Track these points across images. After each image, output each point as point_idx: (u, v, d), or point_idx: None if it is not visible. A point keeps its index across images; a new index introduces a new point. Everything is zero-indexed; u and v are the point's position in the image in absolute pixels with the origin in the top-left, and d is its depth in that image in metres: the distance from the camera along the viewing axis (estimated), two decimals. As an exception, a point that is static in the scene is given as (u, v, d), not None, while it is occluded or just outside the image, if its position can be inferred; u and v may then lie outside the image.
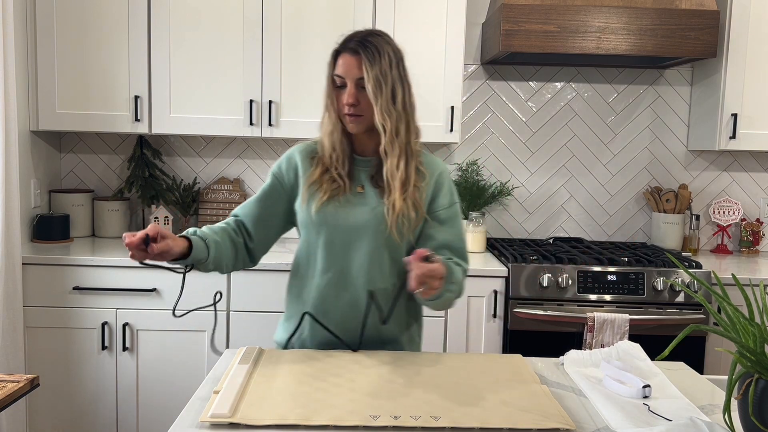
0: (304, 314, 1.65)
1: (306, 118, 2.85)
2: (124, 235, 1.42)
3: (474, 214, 3.02)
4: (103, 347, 2.63)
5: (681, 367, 1.56)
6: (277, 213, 1.70)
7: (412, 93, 1.68)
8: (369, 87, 1.55)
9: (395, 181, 1.59)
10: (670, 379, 1.42)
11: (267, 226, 1.70)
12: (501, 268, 2.66)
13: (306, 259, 1.68)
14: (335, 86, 1.61)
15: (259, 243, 1.70)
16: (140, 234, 1.41)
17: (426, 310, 1.75)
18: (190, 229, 1.58)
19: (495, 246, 3.04)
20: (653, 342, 1.92)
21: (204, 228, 1.61)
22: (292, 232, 1.75)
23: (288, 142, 3.20)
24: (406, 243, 1.64)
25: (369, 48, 1.56)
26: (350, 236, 1.62)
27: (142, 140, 3.14)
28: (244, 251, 1.69)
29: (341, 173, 1.63)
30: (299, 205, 1.66)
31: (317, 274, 1.65)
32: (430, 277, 1.40)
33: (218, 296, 1.65)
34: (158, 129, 2.86)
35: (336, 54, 1.60)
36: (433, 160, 1.73)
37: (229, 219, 1.71)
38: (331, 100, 1.62)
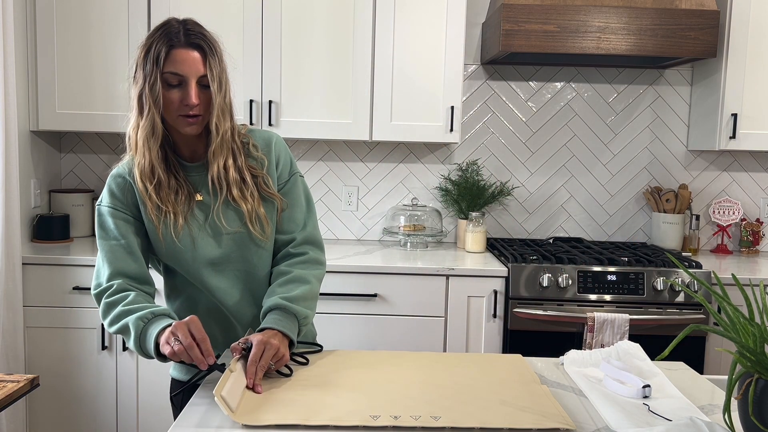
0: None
1: (306, 118, 2.85)
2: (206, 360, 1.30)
3: (474, 214, 3.02)
4: (103, 347, 2.63)
5: (681, 367, 1.56)
6: (146, 241, 1.55)
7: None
8: (213, 86, 1.42)
9: (223, 184, 1.49)
10: (670, 379, 1.42)
11: (145, 258, 1.56)
12: (501, 268, 2.66)
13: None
14: (167, 85, 1.42)
15: (149, 276, 1.56)
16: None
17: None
18: (160, 317, 1.40)
19: (495, 246, 3.04)
20: (653, 342, 1.92)
21: (143, 307, 1.43)
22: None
23: (288, 142, 3.19)
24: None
25: (208, 41, 1.44)
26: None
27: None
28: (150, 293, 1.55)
29: (180, 181, 1.50)
30: (153, 234, 1.51)
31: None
32: (271, 361, 1.33)
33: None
34: (158, 129, 2.85)
35: (168, 48, 1.42)
36: (262, 134, 1.60)
37: (115, 285, 1.47)
38: (155, 98, 1.40)
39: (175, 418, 1.36)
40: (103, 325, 2.59)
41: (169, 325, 1.35)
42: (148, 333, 1.38)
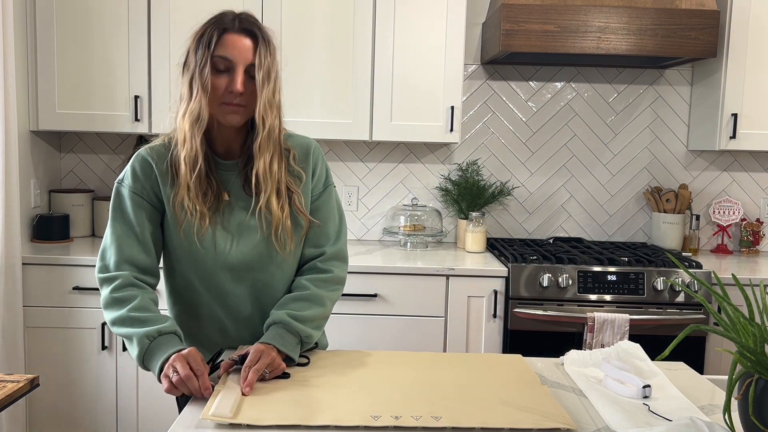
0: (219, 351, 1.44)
1: (306, 118, 2.85)
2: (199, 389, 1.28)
3: (474, 214, 3.02)
4: (103, 347, 2.63)
5: (681, 367, 1.56)
6: (159, 232, 1.52)
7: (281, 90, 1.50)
8: (259, 76, 1.38)
9: (268, 184, 1.44)
10: (670, 379, 1.42)
11: (156, 249, 1.52)
12: (501, 268, 2.66)
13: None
14: (216, 70, 1.39)
15: (156, 268, 1.54)
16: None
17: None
18: (168, 335, 1.38)
19: (495, 246, 3.04)
20: (653, 342, 1.92)
21: (152, 317, 1.41)
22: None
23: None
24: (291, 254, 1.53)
25: (263, 30, 1.41)
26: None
27: (142, 140, 3.14)
28: (153, 290, 1.52)
29: (211, 178, 1.45)
30: (173, 229, 1.48)
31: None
32: (266, 369, 1.32)
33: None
34: (158, 129, 2.85)
35: (220, 32, 1.39)
36: (300, 141, 1.55)
37: (126, 278, 1.44)
38: (203, 83, 1.37)
39: None
40: (104, 324, 2.60)
41: (177, 351, 1.33)
42: (154, 357, 1.35)
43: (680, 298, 2.61)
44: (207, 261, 1.49)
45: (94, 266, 1.50)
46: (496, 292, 2.65)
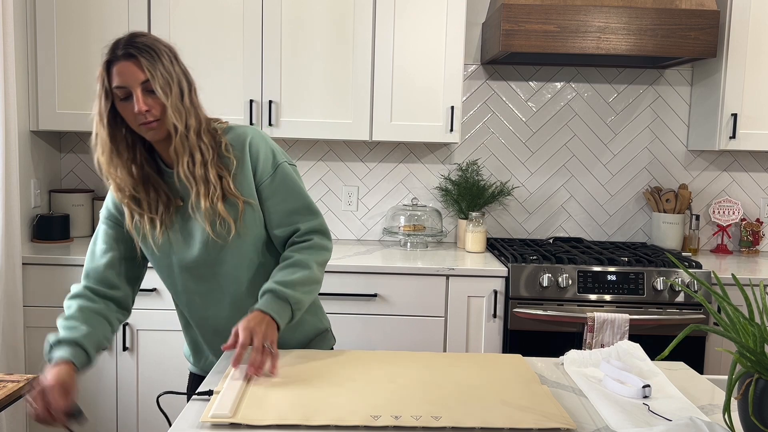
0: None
1: (306, 118, 2.85)
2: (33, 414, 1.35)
3: (474, 214, 3.02)
4: (103, 347, 2.63)
5: (681, 367, 1.56)
6: (135, 253, 1.60)
7: (195, 87, 1.53)
8: (157, 86, 1.41)
9: (192, 184, 1.48)
10: (670, 379, 1.42)
11: (129, 268, 1.61)
12: (501, 268, 2.66)
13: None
14: (119, 99, 1.45)
15: (129, 288, 1.62)
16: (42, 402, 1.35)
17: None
18: (63, 346, 1.44)
19: (495, 246, 3.04)
20: (653, 342, 1.92)
21: (69, 326, 1.48)
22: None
23: (288, 142, 3.20)
24: (254, 236, 1.56)
25: (142, 48, 1.43)
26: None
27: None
28: (116, 311, 1.59)
29: (159, 191, 1.53)
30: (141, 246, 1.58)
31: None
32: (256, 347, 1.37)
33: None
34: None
35: (108, 66, 1.44)
36: (238, 132, 1.57)
37: (80, 290, 1.56)
38: (101, 115, 1.48)
39: None
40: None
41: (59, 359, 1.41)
42: (50, 360, 1.45)
43: (680, 298, 2.61)
44: (167, 266, 1.58)
45: None
46: (496, 292, 2.65)
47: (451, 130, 2.89)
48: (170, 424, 1.20)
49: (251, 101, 2.84)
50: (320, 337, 1.73)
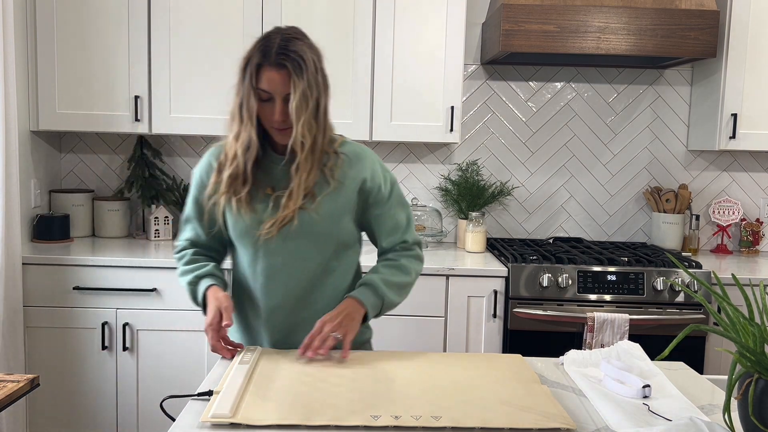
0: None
1: (306, 118, 2.85)
2: (213, 344, 1.51)
3: (474, 214, 3.02)
4: (104, 347, 2.63)
5: (681, 367, 1.56)
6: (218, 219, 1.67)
7: (329, 93, 1.58)
8: (293, 105, 1.48)
9: (300, 191, 1.55)
10: (670, 379, 1.42)
11: (220, 238, 1.69)
12: (501, 268, 2.66)
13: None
14: (259, 99, 1.51)
15: (222, 255, 1.75)
16: (217, 334, 1.51)
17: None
18: (205, 278, 1.62)
19: (495, 246, 3.04)
20: (653, 342, 1.92)
21: (197, 267, 1.65)
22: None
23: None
24: (335, 240, 1.63)
25: (294, 59, 1.48)
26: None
27: (142, 140, 3.14)
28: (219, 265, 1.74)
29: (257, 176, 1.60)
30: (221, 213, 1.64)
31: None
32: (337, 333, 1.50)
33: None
34: (158, 129, 2.86)
35: (258, 67, 1.50)
36: (355, 149, 1.65)
37: (185, 245, 1.71)
38: (249, 112, 1.52)
39: None
40: (104, 324, 2.61)
41: (209, 286, 1.59)
42: (196, 295, 1.63)
43: (680, 298, 2.61)
44: (255, 244, 1.62)
45: (94, 266, 1.65)
46: (496, 292, 2.65)
47: (451, 130, 2.89)
48: None
49: (251, 101, 2.83)
50: (361, 349, 1.74)
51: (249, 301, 1.68)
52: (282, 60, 1.48)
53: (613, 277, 2.63)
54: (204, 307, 1.60)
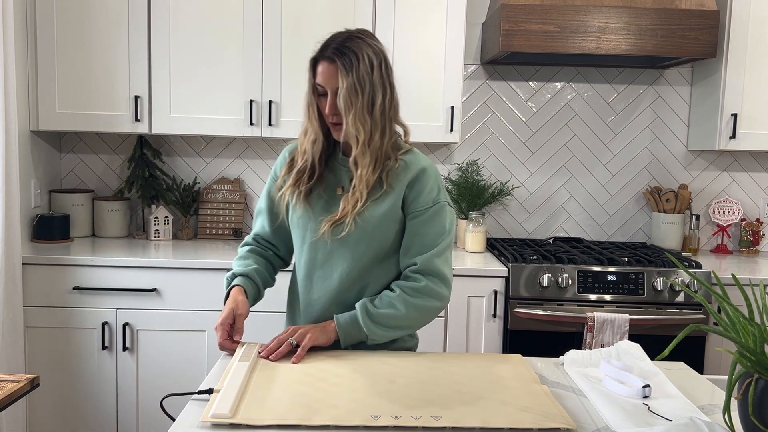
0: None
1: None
2: (220, 342, 1.58)
3: (474, 214, 3.02)
4: (104, 347, 2.63)
5: (681, 367, 1.56)
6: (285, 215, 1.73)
7: (395, 95, 1.58)
8: (341, 97, 1.49)
9: (362, 188, 1.55)
10: (670, 379, 1.42)
11: (284, 231, 1.75)
12: (501, 268, 2.66)
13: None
14: (318, 94, 1.57)
15: (286, 248, 1.79)
16: (226, 333, 1.59)
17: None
18: (238, 277, 1.68)
19: (495, 246, 3.04)
20: (653, 342, 1.92)
21: (243, 264, 1.72)
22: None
23: (288, 142, 3.19)
24: (381, 242, 1.60)
25: (346, 54, 1.50)
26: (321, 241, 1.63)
27: (142, 140, 3.14)
28: (278, 260, 1.81)
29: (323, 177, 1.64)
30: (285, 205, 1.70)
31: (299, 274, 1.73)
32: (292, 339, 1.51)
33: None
34: (158, 129, 2.86)
35: (314, 62, 1.56)
36: (417, 158, 1.63)
37: (250, 239, 1.80)
38: (313, 108, 1.58)
39: None
40: (104, 324, 2.61)
41: (236, 286, 1.65)
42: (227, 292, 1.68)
43: (680, 298, 2.61)
44: (305, 238, 1.65)
45: (94, 266, 1.65)
46: (496, 292, 2.65)
47: (451, 130, 2.89)
48: None
49: (251, 101, 2.84)
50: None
51: (294, 292, 1.74)
52: (334, 54, 1.51)
53: (613, 277, 2.63)
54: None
